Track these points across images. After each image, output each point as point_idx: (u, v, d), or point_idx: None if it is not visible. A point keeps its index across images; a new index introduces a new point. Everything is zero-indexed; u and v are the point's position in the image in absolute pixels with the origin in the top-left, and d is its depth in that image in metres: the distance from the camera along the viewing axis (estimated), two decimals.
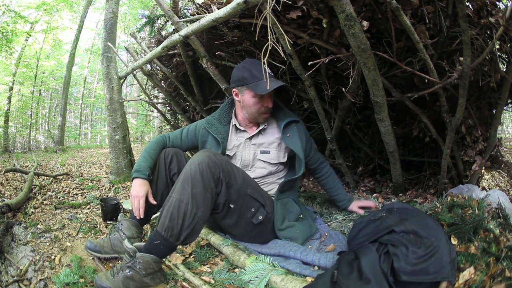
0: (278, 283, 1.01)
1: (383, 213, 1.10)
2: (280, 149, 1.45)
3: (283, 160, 1.46)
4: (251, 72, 1.31)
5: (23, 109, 10.75)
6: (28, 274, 1.21)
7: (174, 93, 3.07)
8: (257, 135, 1.46)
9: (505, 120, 9.19)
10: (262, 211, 1.28)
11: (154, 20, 2.41)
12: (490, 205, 1.40)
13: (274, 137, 1.45)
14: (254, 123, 1.46)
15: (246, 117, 1.43)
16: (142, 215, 1.26)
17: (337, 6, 1.12)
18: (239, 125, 1.46)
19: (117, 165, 2.98)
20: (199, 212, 1.08)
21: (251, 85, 1.30)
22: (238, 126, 1.46)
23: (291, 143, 1.40)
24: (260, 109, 1.36)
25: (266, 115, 1.40)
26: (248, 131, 1.46)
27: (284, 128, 1.42)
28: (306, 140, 1.49)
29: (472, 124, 1.73)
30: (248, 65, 1.35)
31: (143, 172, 1.29)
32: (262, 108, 1.36)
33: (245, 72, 1.33)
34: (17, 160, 5.30)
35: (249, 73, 1.32)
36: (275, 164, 1.45)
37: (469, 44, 1.27)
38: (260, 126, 1.45)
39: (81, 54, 14.61)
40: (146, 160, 1.34)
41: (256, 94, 1.31)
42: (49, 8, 8.55)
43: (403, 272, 0.82)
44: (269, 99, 1.36)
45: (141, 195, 1.25)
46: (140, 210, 1.25)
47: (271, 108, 1.40)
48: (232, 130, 1.48)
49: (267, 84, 1.24)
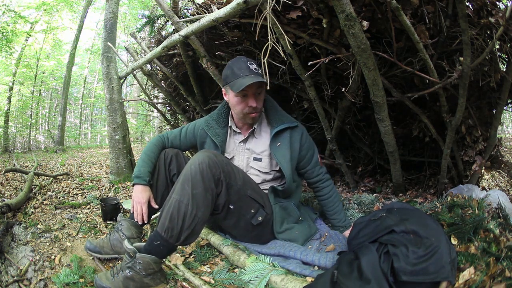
0: (278, 283, 1.01)
1: (383, 213, 1.10)
2: (272, 158, 1.37)
3: (276, 169, 1.38)
4: (232, 70, 1.25)
5: (23, 109, 10.75)
6: (28, 274, 1.21)
7: (174, 93, 3.07)
8: (251, 139, 1.40)
9: (505, 120, 9.19)
10: (261, 212, 1.27)
11: (154, 20, 2.41)
12: (490, 205, 1.40)
13: (266, 144, 1.37)
14: (246, 124, 1.40)
15: (236, 117, 1.40)
16: (146, 220, 1.29)
17: (337, 6, 1.12)
18: (235, 126, 1.43)
19: (117, 165, 2.98)
20: (199, 213, 1.08)
21: (231, 84, 1.25)
22: (234, 128, 1.42)
23: (278, 153, 1.32)
24: (245, 109, 1.29)
25: (253, 115, 1.31)
26: (243, 133, 1.42)
27: (275, 136, 1.33)
28: (302, 149, 1.38)
29: (472, 124, 1.73)
30: (232, 63, 1.29)
31: (143, 178, 1.30)
32: (247, 108, 1.28)
33: (228, 70, 1.28)
34: (17, 160, 5.30)
35: (230, 71, 1.26)
36: (268, 172, 1.39)
37: (469, 44, 1.27)
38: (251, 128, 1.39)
39: (81, 54, 14.62)
40: (146, 164, 1.34)
41: (238, 93, 1.24)
42: (49, 8, 8.55)
43: (403, 272, 0.82)
44: (253, 98, 1.26)
45: (143, 202, 1.28)
46: (143, 216, 1.28)
47: (259, 108, 1.31)
48: (230, 132, 1.45)
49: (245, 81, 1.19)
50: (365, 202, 1.80)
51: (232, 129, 1.43)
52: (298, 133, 1.37)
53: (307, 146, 1.40)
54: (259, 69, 1.27)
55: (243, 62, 1.26)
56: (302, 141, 1.38)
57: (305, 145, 1.39)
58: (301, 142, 1.37)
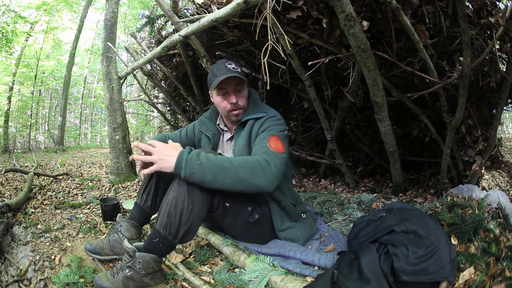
0: (278, 283, 1.01)
1: (383, 213, 1.10)
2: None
3: None
4: (213, 72, 1.29)
5: (23, 109, 10.75)
6: (28, 274, 1.21)
7: (174, 93, 3.07)
8: (237, 135, 1.37)
9: (505, 120, 9.20)
10: (258, 209, 1.27)
11: (154, 20, 2.42)
12: (490, 205, 1.40)
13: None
14: (232, 123, 1.40)
15: (223, 117, 1.42)
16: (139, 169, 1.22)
17: (337, 6, 1.12)
18: (224, 125, 1.45)
19: (117, 165, 2.98)
20: (195, 208, 1.08)
21: (212, 84, 1.28)
22: (222, 127, 1.45)
23: (237, 145, 1.30)
24: (227, 107, 1.30)
25: (236, 111, 1.30)
26: (230, 132, 1.44)
27: (238, 129, 1.34)
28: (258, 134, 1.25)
29: (472, 124, 1.73)
30: (213, 66, 1.32)
31: None
32: (229, 106, 1.29)
33: (210, 73, 1.32)
34: (17, 160, 5.30)
35: (212, 73, 1.30)
36: None
37: (469, 44, 1.27)
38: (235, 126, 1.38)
39: (81, 54, 14.62)
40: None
41: (219, 92, 1.29)
42: (49, 8, 8.55)
43: (403, 272, 0.82)
44: (233, 94, 1.27)
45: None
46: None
47: (241, 105, 1.30)
48: (220, 130, 1.47)
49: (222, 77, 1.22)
50: (365, 201, 1.80)
51: (220, 127, 1.46)
52: (260, 121, 1.28)
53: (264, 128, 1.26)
54: (238, 68, 1.28)
55: (221, 63, 1.30)
56: (262, 127, 1.26)
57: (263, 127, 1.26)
58: (261, 128, 1.26)
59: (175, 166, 1.03)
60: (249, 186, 1.07)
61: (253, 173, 1.06)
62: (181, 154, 1.04)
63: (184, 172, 1.02)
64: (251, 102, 1.37)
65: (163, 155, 1.05)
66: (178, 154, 1.04)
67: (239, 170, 1.05)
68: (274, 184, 1.11)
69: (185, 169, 1.02)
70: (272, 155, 1.13)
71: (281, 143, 1.20)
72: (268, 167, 1.09)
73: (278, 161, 1.13)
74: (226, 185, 1.05)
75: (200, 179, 1.04)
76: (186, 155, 1.04)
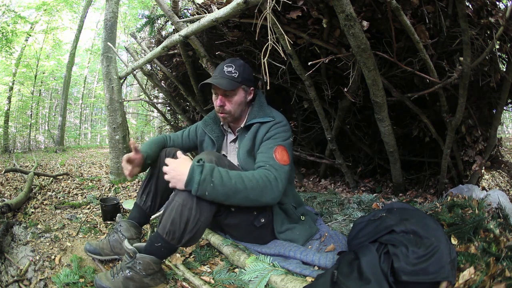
0: (278, 283, 1.01)
1: (383, 213, 1.10)
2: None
3: None
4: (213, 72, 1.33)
5: (23, 109, 10.74)
6: (28, 274, 1.21)
7: (174, 93, 3.07)
8: (241, 138, 1.36)
9: (505, 120, 9.20)
10: (264, 214, 1.26)
11: (154, 20, 2.42)
12: (490, 205, 1.40)
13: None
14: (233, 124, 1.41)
15: None
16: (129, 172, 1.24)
17: (337, 6, 1.12)
18: (227, 126, 1.44)
19: (117, 165, 2.98)
20: (202, 217, 1.07)
21: None
22: (225, 127, 1.45)
23: (241, 148, 1.30)
24: (216, 107, 1.32)
25: (221, 115, 1.32)
26: (233, 133, 1.44)
27: (242, 131, 1.34)
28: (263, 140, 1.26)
29: (472, 124, 1.73)
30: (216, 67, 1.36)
31: None
32: (217, 107, 1.31)
33: None
34: (17, 160, 5.29)
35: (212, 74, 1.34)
36: None
37: (469, 44, 1.27)
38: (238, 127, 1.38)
39: (81, 54, 14.62)
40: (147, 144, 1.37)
41: (213, 91, 1.31)
42: (49, 9, 8.55)
43: (403, 272, 0.82)
44: (220, 97, 1.28)
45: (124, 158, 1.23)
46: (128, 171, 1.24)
47: (227, 110, 1.29)
48: (223, 131, 1.47)
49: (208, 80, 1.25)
50: (365, 201, 1.80)
51: (224, 128, 1.46)
52: (266, 126, 1.27)
53: (270, 135, 1.26)
54: (236, 73, 1.26)
55: (221, 64, 1.31)
56: (268, 134, 1.26)
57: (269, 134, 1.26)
58: (266, 134, 1.26)
59: (186, 185, 1.02)
60: (257, 203, 1.12)
61: (264, 193, 1.10)
62: (191, 172, 1.02)
63: (195, 192, 1.02)
64: (256, 104, 1.36)
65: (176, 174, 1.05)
66: (188, 173, 1.02)
67: (251, 192, 1.07)
68: (278, 198, 1.16)
69: (196, 190, 1.02)
70: (278, 169, 1.16)
71: (286, 154, 1.22)
72: (276, 184, 1.12)
73: (284, 175, 1.16)
74: (235, 203, 1.09)
75: (211, 199, 1.05)
76: (199, 177, 1.01)
